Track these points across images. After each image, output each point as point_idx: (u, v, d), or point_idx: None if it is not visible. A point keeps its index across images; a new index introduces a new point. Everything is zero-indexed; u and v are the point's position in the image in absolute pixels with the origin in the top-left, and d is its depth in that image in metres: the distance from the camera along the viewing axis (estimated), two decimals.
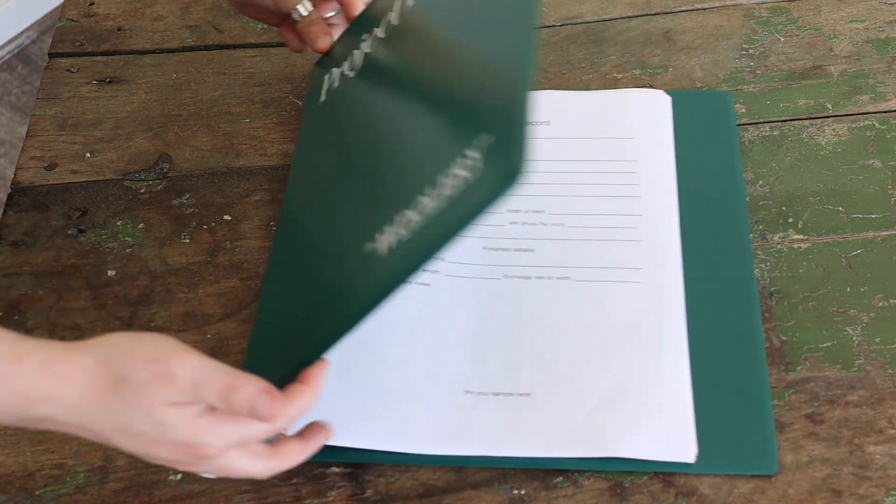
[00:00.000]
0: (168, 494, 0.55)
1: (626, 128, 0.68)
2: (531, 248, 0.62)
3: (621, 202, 0.64)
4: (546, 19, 0.78)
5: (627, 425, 0.54)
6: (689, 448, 0.54)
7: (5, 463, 0.57)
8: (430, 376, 0.57)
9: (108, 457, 0.56)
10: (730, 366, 0.57)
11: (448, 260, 0.62)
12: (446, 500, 0.54)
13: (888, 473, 0.54)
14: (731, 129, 0.68)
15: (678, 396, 0.55)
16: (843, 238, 0.63)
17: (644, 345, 0.58)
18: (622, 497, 0.54)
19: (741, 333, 0.58)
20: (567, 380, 0.57)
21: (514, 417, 0.55)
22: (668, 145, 0.67)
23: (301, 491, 0.55)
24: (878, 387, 0.57)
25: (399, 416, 0.56)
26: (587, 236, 0.63)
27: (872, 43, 0.74)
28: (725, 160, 0.66)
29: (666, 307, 0.59)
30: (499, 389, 0.57)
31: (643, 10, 0.78)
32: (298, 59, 0.76)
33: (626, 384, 0.56)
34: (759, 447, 0.54)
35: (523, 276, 0.61)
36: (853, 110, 0.70)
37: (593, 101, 0.70)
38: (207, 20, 0.80)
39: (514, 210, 0.64)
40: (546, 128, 0.68)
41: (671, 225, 0.63)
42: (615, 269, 0.61)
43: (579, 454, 0.54)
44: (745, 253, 0.62)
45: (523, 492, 0.54)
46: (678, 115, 0.69)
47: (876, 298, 0.60)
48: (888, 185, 0.66)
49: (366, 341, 0.58)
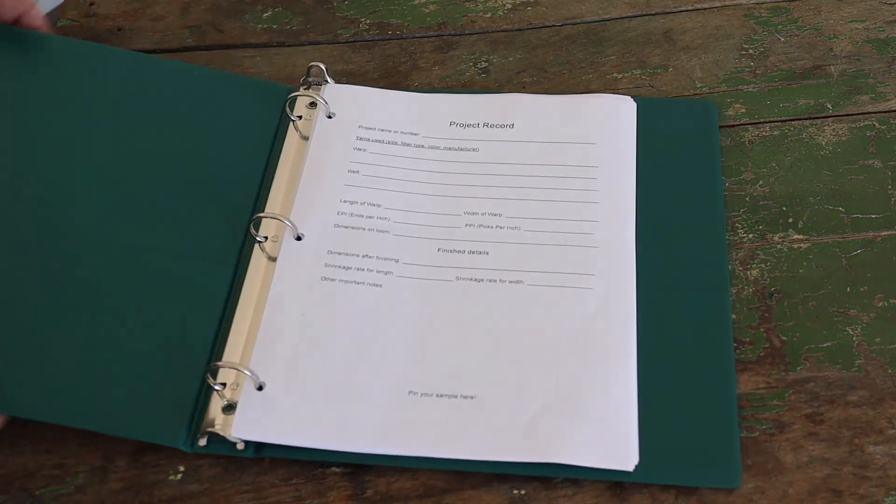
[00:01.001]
0: (168, 494, 0.55)
1: (588, 133, 0.67)
2: (485, 251, 0.62)
3: (579, 207, 0.64)
4: (546, 19, 0.78)
5: (568, 431, 0.54)
6: (629, 456, 0.54)
7: (5, 462, 0.57)
8: (376, 376, 0.57)
9: (108, 457, 0.57)
10: (690, 375, 0.57)
11: (402, 261, 0.62)
12: (446, 500, 0.54)
13: (888, 473, 0.54)
14: (711, 137, 0.67)
15: (623, 405, 0.55)
16: (843, 238, 0.63)
17: (592, 351, 0.57)
18: (622, 497, 0.54)
19: (706, 343, 0.58)
20: (512, 384, 0.57)
21: (458, 419, 0.55)
22: (629, 152, 0.66)
23: (301, 491, 0.55)
24: (878, 387, 0.57)
25: (342, 415, 0.56)
26: (542, 241, 0.62)
27: (872, 43, 0.74)
28: (700, 169, 0.66)
29: (617, 315, 0.59)
30: (443, 391, 0.56)
31: (643, 10, 0.78)
32: (299, 58, 0.76)
33: (571, 390, 0.56)
34: (720, 459, 0.54)
35: (475, 278, 0.61)
36: (853, 110, 0.70)
37: (558, 105, 0.69)
38: (207, 20, 0.80)
39: (470, 212, 0.64)
40: (509, 131, 0.68)
41: (627, 232, 0.62)
42: (568, 274, 0.61)
43: (519, 458, 0.54)
44: (720, 262, 0.61)
45: (523, 492, 0.54)
46: (647, 122, 0.68)
47: (876, 298, 0.60)
48: (888, 185, 0.66)
49: (314, 339, 0.59)
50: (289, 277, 0.61)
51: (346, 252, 0.62)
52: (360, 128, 0.69)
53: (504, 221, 0.64)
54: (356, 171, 0.66)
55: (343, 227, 0.63)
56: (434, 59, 0.75)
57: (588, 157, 0.66)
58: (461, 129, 0.69)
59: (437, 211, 0.64)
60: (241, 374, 0.57)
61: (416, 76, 0.73)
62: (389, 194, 0.65)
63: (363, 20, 0.79)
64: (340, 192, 0.65)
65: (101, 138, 0.67)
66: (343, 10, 0.80)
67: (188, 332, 0.59)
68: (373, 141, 0.68)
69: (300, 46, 0.77)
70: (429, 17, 0.78)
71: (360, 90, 0.71)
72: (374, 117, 0.69)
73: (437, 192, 0.65)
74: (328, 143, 0.68)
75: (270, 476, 0.55)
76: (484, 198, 0.65)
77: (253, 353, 0.58)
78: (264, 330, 0.59)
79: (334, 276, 0.61)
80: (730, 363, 0.58)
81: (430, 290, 0.61)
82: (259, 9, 0.80)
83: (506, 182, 0.65)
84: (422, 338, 0.59)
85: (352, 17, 0.79)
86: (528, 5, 0.79)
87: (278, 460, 0.56)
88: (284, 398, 0.56)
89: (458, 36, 0.77)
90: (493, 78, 0.74)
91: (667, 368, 0.57)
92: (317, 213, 0.64)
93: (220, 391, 0.56)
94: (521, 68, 0.74)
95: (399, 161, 0.67)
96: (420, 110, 0.70)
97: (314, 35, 0.78)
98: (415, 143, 0.68)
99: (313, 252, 0.62)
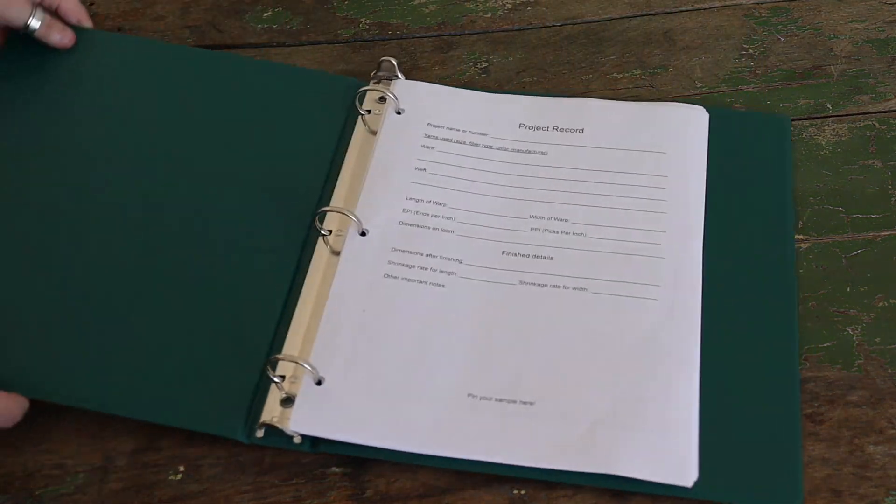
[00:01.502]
0: (168, 494, 0.55)
1: (659, 142, 0.66)
2: (550, 256, 0.62)
3: (646, 217, 0.63)
4: (546, 19, 0.78)
5: (627, 443, 0.54)
6: (688, 472, 0.53)
7: (5, 462, 0.57)
8: (435, 376, 0.57)
9: (108, 457, 0.57)
10: (753, 391, 0.56)
11: (465, 262, 0.62)
12: (446, 500, 0.54)
13: (888, 473, 0.54)
14: (783, 151, 0.66)
15: (683, 418, 0.55)
16: (843, 238, 0.63)
17: (654, 362, 0.57)
18: (622, 498, 0.54)
19: (771, 359, 0.57)
20: (572, 392, 0.56)
21: (515, 425, 0.55)
22: (700, 163, 0.65)
23: (301, 491, 0.55)
24: (878, 387, 0.57)
25: (401, 415, 0.55)
26: (608, 249, 0.62)
27: (872, 43, 0.74)
28: (771, 184, 0.64)
29: (681, 326, 0.58)
30: (502, 395, 0.56)
31: (643, 10, 0.78)
32: (299, 59, 0.76)
33: (631, 401, 0.55)
34: (781, 477, 0.53)
35: (539, 283, 0.61)
36: (853, 110, 0.70)
37: (629, 111, 0.68)
38: (207, 20, 0.80)
39: (536, 216, 0.64)
40: (578, 135, 0.67)
41: (694, 244, 0.61)
42: (633, 283, 0.60)
43: (576, 468, 0.53)
44: (787, 278, 0.60)
45: (523, 492, 0.54)
46: (719, 133, 0.67)
47: (876, 298, 0.60)
48: (888, 185, 0.66)
49: (375, 337, 0.58)
50: (352, 273, 0.61)
51: (409, 250, 0.62)
52: (428, 125, 0.68)
53: (570, 227, 0.63)
54: (423, 168, 0.66)
55: (408, 224, 0.63)
56: (434, 58, 0.75)
57: (658, 167, 0.65)
58: (530, 131, 0.68)
59: (502, 213, 0.64)
60: (301, 368, 0.57)
61: (416, 76, 0.73)
62: (455, 194, 0.65)
63: (363, 20, 0.79)
64: (407, 189, 0.65)
65: (169, 131, 0.68)
66: (343, 10, 0.80)
67: (249, 324, 0.59)
68: (441, 139, 0.68)
69: (300, 46, 0.77)
70: (429, 18, 0.78)
71: (431, 87, 0.71)
72: (444, 115, 0.69)
73: (503, 193, 0.65)
74: (396, 139, 0.67)
75: (270, 476, 0.55)
76: (550, 202, 0.64)
77: (313, 347, 0.58)
78: (325, 325, 0.59)
79: (397, 274, 0.61)
80: (794, 380, 0.56)
81: (492, 294, 0.60)
82: (259, 9, 0.80)
83: (573, 187, 0.65)
84: (483, 341, 0.58)
85: (352, 17, 0.79)
86: (528, 5, 0.79)
87: (279, 460, 0.56)
88: (343, 394, 0.56)
89: (458, 36, 0.77)
90: (493, 78, 0.74)
91: (730, 383, 0.56)
92: (382, 210, 0.64)
93: (278, 384, 0.56)
94: (522, 68, 0.74)
95: (467, 161, 0.67)
96: (490, 110, 0.69)
97: (314, 35, 0.78)
98: (483, 144, 0.68)
99: (377, 248, 0.62)
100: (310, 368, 0.56)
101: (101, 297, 0.60)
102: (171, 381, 0.57)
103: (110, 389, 0.57)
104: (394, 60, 0.71)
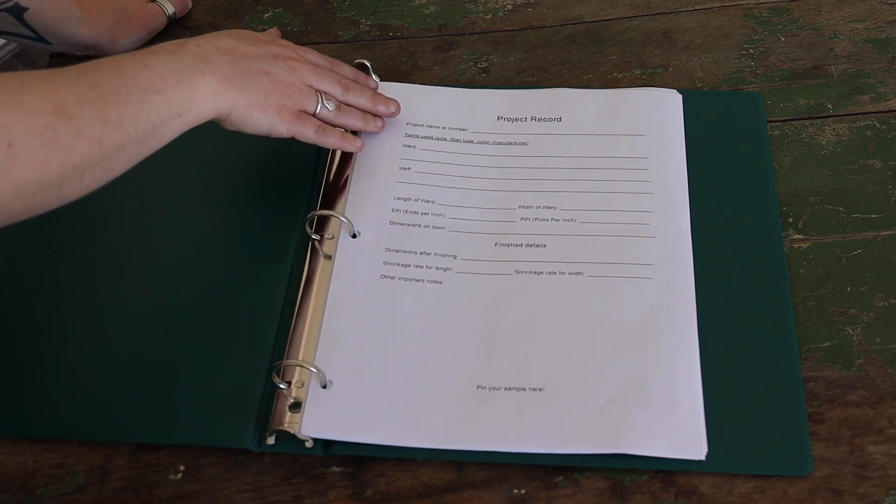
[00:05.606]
0: (168, 494, 0.55)
1: (636, 125, 0.68)
2: (543, 244, 0.62)
3: (633, 198, 0.64)
4: (546, 20, 0.78)
5: (638, 421, 0.54)
6: (699, 446, 0.54)
7: (5, 462, 0.57)
8: (443, 372, 0.57)
9: (108, 456, 0.57)
10: (753, 363, 0.57)
11: (460, 257, 0.62)
12: (446, 500, 0.54)
13: (888, 473, 0.54)
14: (759, 127, 0.68)
15: (688, 393, 0.55)
16: (843, 238, 0.63)
17: (655, 341, 0.58)
18: (622, 497, 0.54)
19: (768, 330, 0.58)
20: (580, 375, 0.57)
21: (527, 412, 0.55)
22: (678, 142, 0.67)
23: (301, 490, 0.55)
24: (878, 387, 0.57)
25: (412, 412, 0.56)
26: (599, 232, 0.63)
27: (872, 43, 0.74)
28: (750, 159, 0.66)
29: (677, 303, 0.59)
30: (511, 384, 0.57)
31: (643, 10, 0.78)
32: None
33: (637, 380, 0.56)
34: (790, 446, 0.54)
35: (535, 271, 0.61)
36: (853, 110, 0.70)
37: (604, 98, 0.70)
38: (207, 20, 0.80)
39: (525, 206, 0.64)
40: (557, 124, 0.69)
41: (683, 222, 0.63)
42: (627, 264, 0.61)
43: (591, 450, 0.54)
44: (776, 248, 0.61)
45: (523, 491, 0.54)
46: (693, 113, 0.68)
47: (876, 298, 0.60)
48: (888, 185, 0.66)
49: (377, 337, 0.59)
50: (347, 275, 0.61)
51: (403, 249, 0.62)
52: (408, 124, 0.69)
53: (559, 214, 0.64)
54: (408, 167, 0.67)
55: (399, 223, 0.64)
56: (434, 58, 0.75)
57: (638, 149, 0.67)
58: (509, 123, 0.69)
59: (491, 206, 0.65)
60: (306, 373, 0.57)
61: (416, 76, 0.74)
62: (442, 190, 0.65)
63: (364, 21, 0.79)
64: (393, 188, 0.65)
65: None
66: (343, 10, 0.80)
67: (249, 335, 0.59)
68: (422, 137, 0.68)
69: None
70: (429, 19, 0.78)
71: (406, 87, 0.71)
72: (422, 114, 0.70)
73: (490, 186, 0.66)
74: (377, 140, 0.68)
75: (270, 475, 0.55)
76: (537, 191, 0.65)
77: (316, 351, 0.58)
78: (326, 329, 0.59)
79: (394, 274, 0.61)
80: (793, 348, 0.57)
81: (490, 286, 0.61)
82: (259, 9, 0.80)
83: (558, 175, 0.66)
84: (486, 333, 0.59)
85: (352, 17, 0.79)
86: (529, 6, 0.79)
87: (279, 459, 0.56)
88: (351, 395, 0.56)
89: (459, 36, 0.77)
90: (493, 77, 0.74)
91: (730, 356, 0.57)
92: (371, 211, 0.64)
93: (285, 390, 0.56)
94: (522, 68, 0.74)
95: (449, 157, 0.67)
96: (467, 105, 0.70)
97: (315, 36, 0.78)
98: (464, 139, 0.68)
99: (370, 250, 0.63)
100: (316, 371, 0.56)
101: (101, 341, 0.60)
102: (178, 402, 0.57)
103: (118, 419, 0.57)
104: (368, 63, 0.71)
